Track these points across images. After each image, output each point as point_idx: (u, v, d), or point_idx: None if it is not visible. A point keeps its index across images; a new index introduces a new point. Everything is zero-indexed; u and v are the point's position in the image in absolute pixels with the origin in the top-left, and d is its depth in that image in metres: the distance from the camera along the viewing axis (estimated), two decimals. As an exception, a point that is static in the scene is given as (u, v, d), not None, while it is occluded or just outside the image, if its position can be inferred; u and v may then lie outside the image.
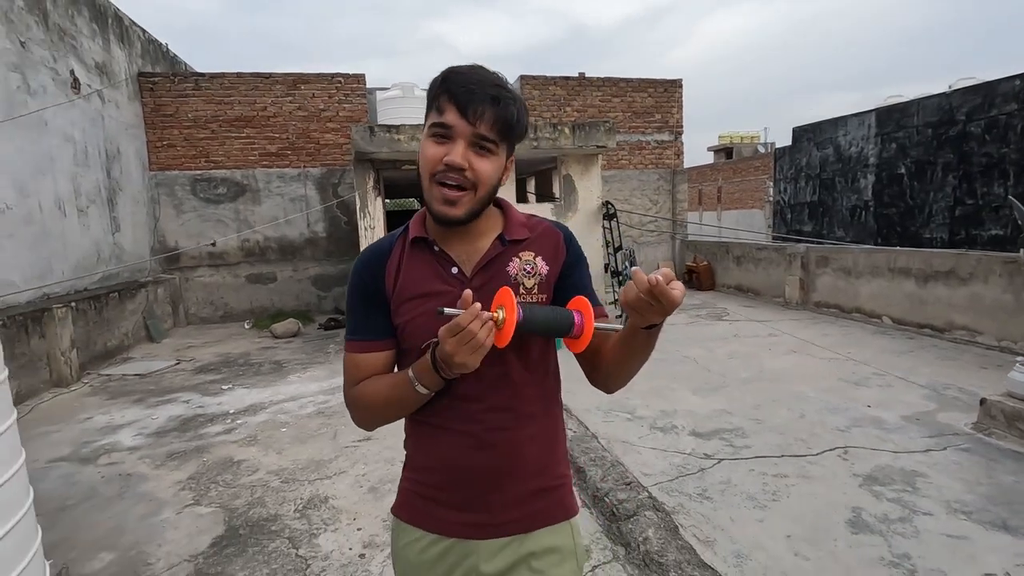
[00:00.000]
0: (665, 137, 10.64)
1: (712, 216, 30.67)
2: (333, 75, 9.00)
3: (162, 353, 6.87)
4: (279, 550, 2.58)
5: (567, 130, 6.11)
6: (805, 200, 15.06)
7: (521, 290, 1.01)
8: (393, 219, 12.60)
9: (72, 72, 6.54)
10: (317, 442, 3.86)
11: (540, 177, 9.73)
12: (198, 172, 8.70)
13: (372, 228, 6.18)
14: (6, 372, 1.85)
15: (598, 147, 6.30)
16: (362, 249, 0.99)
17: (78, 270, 6.43)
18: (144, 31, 8.71)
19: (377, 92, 9.09)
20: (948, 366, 4.80)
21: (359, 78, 9.15)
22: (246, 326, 8.40)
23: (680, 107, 10.68)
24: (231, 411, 4.58)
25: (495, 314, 0.86)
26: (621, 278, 6.24)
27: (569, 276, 1.06)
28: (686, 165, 11.25)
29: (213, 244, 8.49)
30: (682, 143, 10.78)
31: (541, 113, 9.88)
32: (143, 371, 5.96)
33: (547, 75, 9.90)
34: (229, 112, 8.65)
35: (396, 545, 1.10)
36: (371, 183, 6.11)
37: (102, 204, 7.06)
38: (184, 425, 4.31)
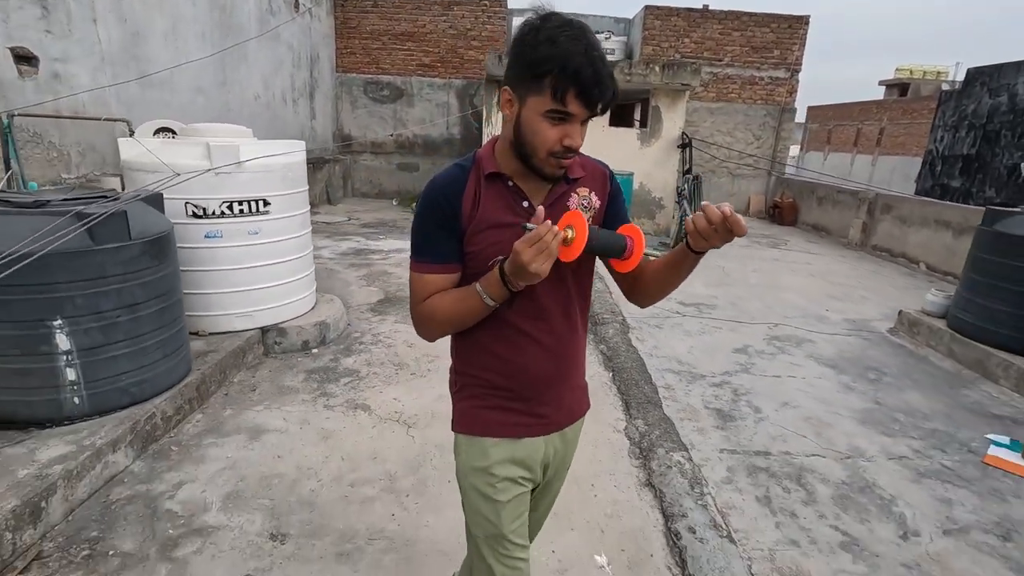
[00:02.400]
0: (780, 74, 11.00)
1: (866, 161, 28.19)
2: (480, -1, 10.58)
3: (337, 212, 9.53)
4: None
5: (657, 68, 7.31)
6: (960, 152, 14.14)
7: None
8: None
9: (294, -6, 8.84)
10: (436, 271, 6.05)
11: (644, 105, 10.80)
12: (370, 76, 10.99)
13: (493, 134, 8.05)
14: (307, 186, 4.03)
15: (683, 85, 7.44)
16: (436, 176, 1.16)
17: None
18: (339, -46, 10.80)
19: (514, 16, 10.53)
20: (932, 301, 5.79)
21: (501, 1, 10.64)
22: (394, 203, 10.91)
23: (802, 44, 10.87)
24: (384, 249, 6.95)
25: (567, 232, 0.99)
26: (680, 198, 7.50)
27: (612, 205, 1.22)
28: (847, 99, 11.52)
29: (391, 135, 10.93)
30: (797, 81, 11.07)
31: (660, 43, 10.75)
32: (328, 220, 8.59)
33: (671, 6, 10.63)
34: (396, 28, 10.68)
35: (464, 459, 1.22)
36: (496, 98, 7.88)
37: (307, 97, 9.62)
38: (357, 252, 6.73)
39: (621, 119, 8.31)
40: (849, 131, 30.23)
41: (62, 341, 2.37)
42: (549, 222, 0.96)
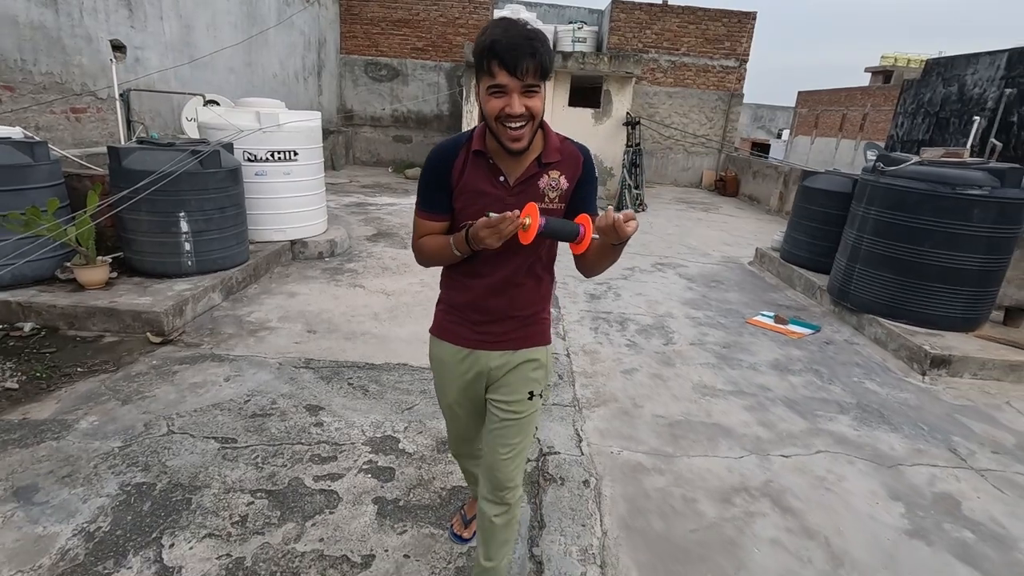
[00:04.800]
0: (730, 63, 12.51)
1: (849, 145, 29.52)
2: (467, -9, 12.06)
3: (340, 176, 11.15)
4: (397, 238, 6.48)
5: (606, 59, 8.87)
6: (917, 138, 15.61)
7: (545, 199, 1.40)
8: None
9: (306, -13, 10.33)
10: (419, 219, 7.72)
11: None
12: (369, 58, 12.50)
13: (472, 112, 9.64)
14: (322, 144, 5.65)
15: (627, 73, 9.01)
16: (455, 134, 1.49)
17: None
18: (344, -53, 12.23)
19: (495, 9, 11.99)
20: (803, 248, 7.46)
21: (486, -6, 12.11)
22: (389, 170, 12.51)
23: (750, 38, 12.36)
24: (379, 203, 8.60)
25: (525, 220, 1.23)
26: (632, 167, 9.09)
27: (580, 190, 1.44)
28: (835, 85, 12.90)
29: (383, 110, 12.47)
30: (745, 70, 12.59)
31: (624, 34, 12.24)
32: (332, 182, 10.21)
33: (635, 1, 12.11)
34: (394, 15, 12.17)
35: (433, 351, 1.65)
36: (474, 82, 9.47)
37: (315, 76, 11.16)
38: (357, 205, 8.38)
39: (581, 101, 9.87)
40: (835, 116, 31.41)
41: (183, 226, 4.04)
42: (517, 213, 1.23)
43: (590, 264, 1.45)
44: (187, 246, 4.09)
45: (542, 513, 2.21)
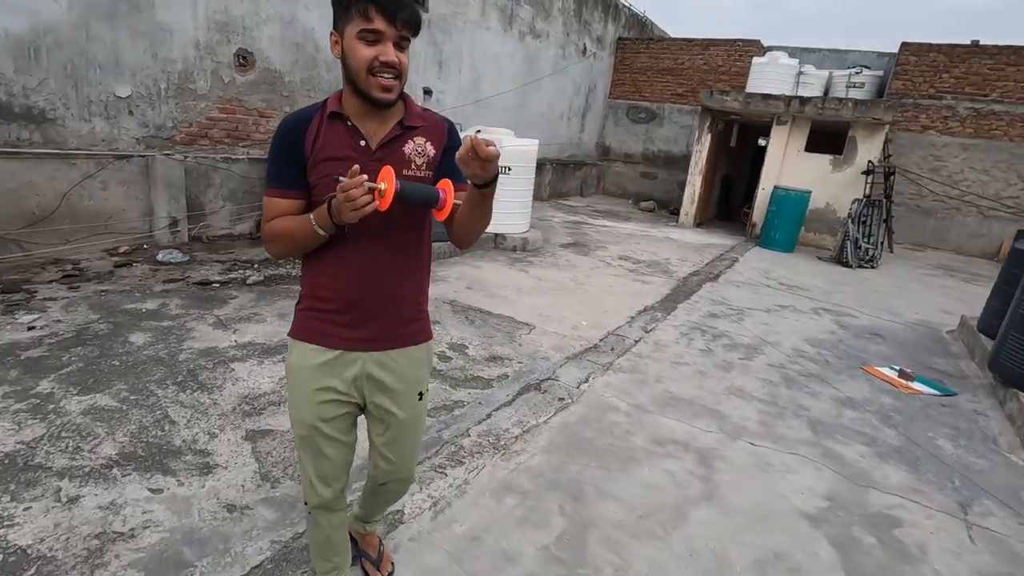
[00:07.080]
0: (1067, 112, 10.02)
1: None
2: (735, 40, 12.54)
3: (581, 201, 12.87)
4: (586, 247, 7.71)
5: (849, 104, 8.44)
6: None
7: (412, 166, 1.35)
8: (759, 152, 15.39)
9: (584, 44, 12.42)
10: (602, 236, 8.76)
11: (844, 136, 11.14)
12: (631, 102, 14.00)
13: (700, 152, 10.21)
14: (534, 163, 7.27)
15: (875, 119, 8.37)
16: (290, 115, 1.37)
17: (560, 150, 12.75)
18: (629, 7, 14.06)
19: (755, 59, 12.13)
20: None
21: (755, 42, 12.39)
22: (629, 202, 13.75)
23: (1105, 81, 9.71)
24: (595, 224, 9.90)
25: (380, 185, 1.16)
26: (848, 218, 8.28)
27: (447, 157, 1.38)
28: None
29: (637, 148, 13.92)
30: (1091, 121, 9.90)
31: (912, 77, 11.00)
32: (572, 205, 11.97)
33: (931, 42, 10.78)
34: (659, 65, 13.42)
35: (291, 359, 1.46)
36: (707, 124, 10.03)
37: (579, 117, 13.19)
38: (575, 223, 9.83)
39: (818, 146, 9.43)
40: None
41: (417, 207, 6.07)
42: (363, 178, 1.14)
43: (460, 229, 1.39)
44: (417, 221, 6.10)
45: (512, 403, 3.20)
